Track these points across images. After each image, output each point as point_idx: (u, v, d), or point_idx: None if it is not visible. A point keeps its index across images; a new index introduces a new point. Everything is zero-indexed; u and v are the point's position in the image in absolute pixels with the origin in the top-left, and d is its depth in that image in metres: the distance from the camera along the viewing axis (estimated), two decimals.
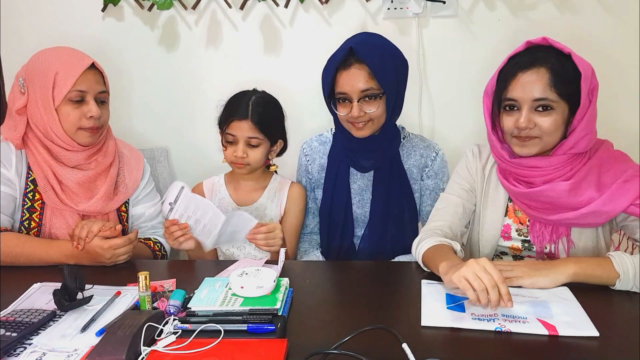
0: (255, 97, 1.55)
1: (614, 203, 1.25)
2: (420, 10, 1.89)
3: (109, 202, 1.51)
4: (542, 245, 1.36)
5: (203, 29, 2.00)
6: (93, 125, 1.44)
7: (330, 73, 1.48)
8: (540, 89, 1.23)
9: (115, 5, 1.98)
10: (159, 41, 2.03)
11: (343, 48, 1.49)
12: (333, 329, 1.04)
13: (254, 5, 1.96)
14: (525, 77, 1.25)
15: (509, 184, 1.37)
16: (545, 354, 0.95)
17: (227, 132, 1.53)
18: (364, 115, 1.48)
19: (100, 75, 1.48)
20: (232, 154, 1.54)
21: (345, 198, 1.63)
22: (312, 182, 1.70)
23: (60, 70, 1.41)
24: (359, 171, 1.62)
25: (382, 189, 1.60)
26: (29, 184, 1.46)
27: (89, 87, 1.43)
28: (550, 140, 1.28)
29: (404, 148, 1.63)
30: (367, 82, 1.45)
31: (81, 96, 1.43)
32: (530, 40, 1.30)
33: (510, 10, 1.89)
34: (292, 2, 1.92)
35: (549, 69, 1.23)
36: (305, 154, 1.71)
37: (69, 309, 1.10)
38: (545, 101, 1.24)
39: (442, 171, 1.64)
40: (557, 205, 1.30)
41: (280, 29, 1.98)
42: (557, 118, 1.25)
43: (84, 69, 1.42)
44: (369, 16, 1.94)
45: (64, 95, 1.40)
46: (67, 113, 1.42)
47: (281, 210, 1.63)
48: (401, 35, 1.93)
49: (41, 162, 1.44)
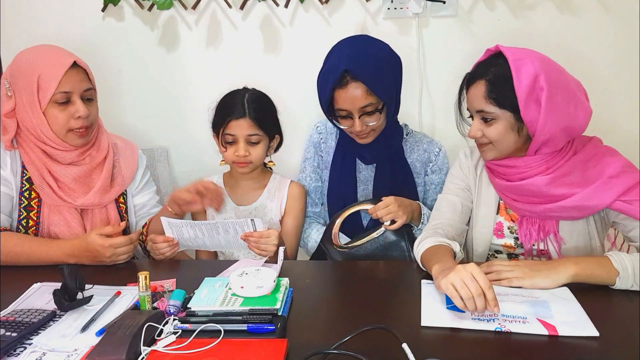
0: (248, 95, 1.55)
1: (598, 198, 1.27)
2: (420, 10, 1.89)
3: (105, 194, 1.50)
4: (531, 243, 1.37)
5: (203, 29, 2.00)
6: (82, 124, 1.42)
7: (327, 91, 1.48)
8: (479, 102, 1.30)
9: (115, 5, 1.98)
10: (159, 41, 2.03)
11: (336, 68, 1.46)
12: (333, 329, 1.04)
13: (254, 5, 1.96)
14: (471, 91, 1.32)
15: (495, 177, 1.40)
16: (545, 354, 0.95)
17: (226, 132, 1.53)
18: (366, 128, 1.50)
19: (84, 73, 1.45)
20: (233, 154, 1.54)
21: (352, 187, 1.65)
22: (322, 162, 1.71)
23: (43, 73, 1.38)
24: (362, 162, 1.64)
25: (384, 181, 1.62)
26: (25, 183, 1.45)
27: (74, 87, 1.40)
28: (502, 146, 1.33)
29: (407, 143, 1.66)
30: (366, 98, 1.46)
31: (67, 97, 1.40)
32: (489, 49, 1.34)
33: (510, 10, 1.89)
34: (292, 2, 1.92)
35: (487, 81, 1.28)
36: (319, 132, 1.72)
37: (69, 309, 1.11)
38: (483, 113, 1.30)
39: (446, 166, 1.67)
40: (540, 196, 1.32)
41: (280, 29, 1.98)
42: (504, 125, 1.29)
43: (67, 69, 1.39)
44: (369, 16, 1.93)
45: (49, 98, 1.38)
46: (55, 115, 1.40)
47: (281, 209, 1.63)
48: (401, 35, 1.93)
49: (35, 161, 1.43)
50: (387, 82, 1.49)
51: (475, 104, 1.31)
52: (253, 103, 1.54)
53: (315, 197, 1.73)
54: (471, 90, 1.32)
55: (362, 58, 1.47)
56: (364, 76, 1.44)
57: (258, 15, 1.97)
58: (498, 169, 1.39)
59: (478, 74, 1.31)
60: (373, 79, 1.45)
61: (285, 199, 1.64)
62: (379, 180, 1.63)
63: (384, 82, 1.48)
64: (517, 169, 1.34)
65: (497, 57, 1.30)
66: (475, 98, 1.30)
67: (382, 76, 1.47)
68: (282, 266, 1.32)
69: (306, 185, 1.72)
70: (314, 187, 1.72)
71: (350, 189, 1.64)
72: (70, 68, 1.40)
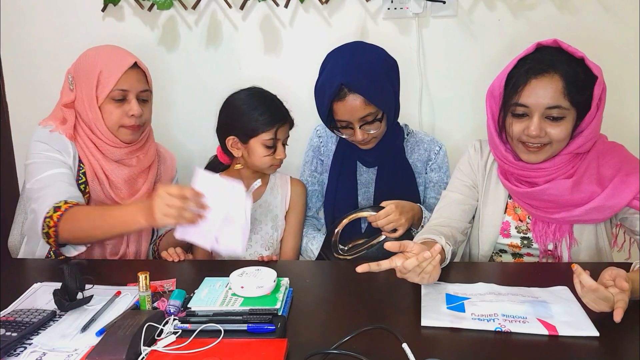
0: (276, 97, 1.58)
1: (618, 197, 1.25)
2: (420, 10, 1.89)
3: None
4: (546, 244, 1.36)
5: (203, 29, 2.00)
6: (134, 123, 1.47)
7: (325, 104, 1.48)
8: (554, 96, 1.20)
9: (115, 5, 1.98)
10: (159, 41, 2.03)
11: (333, 82, 1.45)
12: (333, 329, 1.03)
13: (254, 5, 1.96)
14: (538, 84, 1.21)
15: (511, 185, 1.36)
16: (545, 354, 0.95)
17: (276, 137, 1.52)
18: (368, 136, 1.50)
19: (143, 74, 1.51)
20: (273, 157, 1.54)
21: (352, 190, 1.64)
22: (322, 165, 1.71)
23: (104, 70, 1.44)
24: (363, 165, 1.64)
25: (385, 183, 1.62)
26: (81, 176, 1.49)
27: (131, 86, 1.46)
28: (559, 147, 1.27)
29: (408, 143, 1.66)
30: (365, 109, 1.46)
31: (123, 95, 1.46)
32: (540, 42, 1.26)
33: (510, 10, 1.89)
34: (292, 2, 1.92)
35: (562, 76, 1.20)
36: (318, 136, 1.72)
37: (69, 309, 1.10)
38: (558, 109, 1.21)
39: (446, 165, 1.66)
40: (560, 203, 1.30)
41: (280, 29, 1.98)
42: (568, 126, 1.23)
43: (127, 68, 1.45)
44: (369, 16, 1.93)
45: (107, 94, 1.44)
46: (110, 111, 1.45)
47: (286, 205, 1.64)
48: (401, 35, 1.93)
49: (89, 156, 1.48)
50: (384, 91, 1.48)
51: (548, 99, 1.20)
52: (284, 106, 1.57)
53: (309, 202, 1.73)
54: (538, 82, 1.21)
55: (358, 70, 1.45)
56: (361, 88, 1.43)
57: (258, 15, 1.97)
58: (522, 173, 1.32)
59: (548, 67, 1.20)
60: (370, 90, 1.44)
61: (289, 195, 1.64)
62: (380, 183, 1.62)
63: (382, 91, 1.47)
64: (544, 170, 1.30)
65: (558, 53, 1.23)
66: (547, 92, 1.20)
67: (379, 86, 1.46)
68: (282, 266, 1.32)
69: None
70: (310, 190, 1.72)
71: (351, 192, 1.64)
72: (130, 68, 1.46)
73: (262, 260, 1.41)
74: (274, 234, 1.61)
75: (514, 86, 1.25)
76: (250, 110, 1.53)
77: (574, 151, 1.28)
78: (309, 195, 1.72)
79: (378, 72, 1.48)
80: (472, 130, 1.96)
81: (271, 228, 1.61)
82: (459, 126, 2.00)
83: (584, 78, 1.21)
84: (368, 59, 1.49)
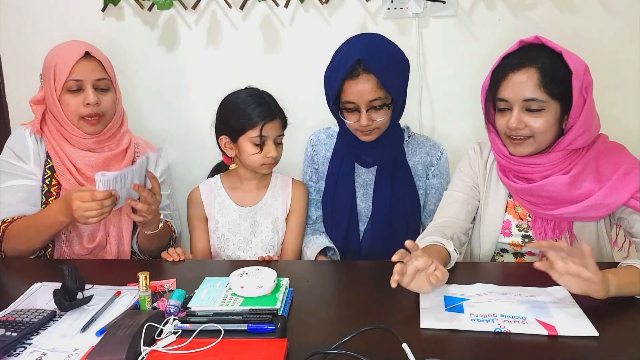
0: (267, 95, 1.57)
1: (615, 195, 1.26)
2: (420, 10, 1.89)
3: None
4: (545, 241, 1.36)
5: (203, 29, 2.00)
6: (91, 112, 1.50)
7: (337, 82, 1.47)
8: (530, 89, 1.24)
9: (115, 5, 1.98)
10: (159, 41, 2.03)
11: (349, 57, 1.45)
12: (333, 329, 1.04)
13: (254, 5, 1.96)
14: (516, 78, 1.26)
15: (509, 181, 1.37)
16: (544, 354, 0.96)
17: (262, 134, 1.51)
18: (372, 124, 1.49)
19: (99, 63, 1.53)
20: (264, 155, 1.53)
21: (350, 192, 1.63)
22: (318, 173, 1.71)
23: (58, 62, 1.49)
24: (362, 166, 1.63)
25: (385, 184, 1.61)
26: (47, 171, 1.53)
27: (86, 76, 1.49)
28: (543, 139, 1.29)
29: (408, 145, 1.65)
30: (376, 92, 1.45)
31: (78, 85, 1.49)
32: (523, 40, 1.30)
33: (510, 10, 1.89)
34: (292, 2, 1.92)
35: (539, 69, 1.24)
36: (312, 144, 1.72)
37: (69, 309, 1.11)
38: (534, 102, 1.25)
39: (446, 171, 1.66)
40: (557, 199, 1.31)
41: (280, 29, 1.98)
42: (549, 118, 1.26)
43: (78, 59, 1.48)
44: (369, 16, 1.93)
45: (62, 85, 1.48)
46: (67, 102, 1.49)
47: (287, 207, 1.63)
48: (401, 35, 1.93)
49: (56, 147, 1.52)
50: (397, 78, 1.49)
51: (524, 92, 1.24)
52: (275, 103, 1.56)
53: (308, 211, 1.71)
54: (515, 77, 1.25)
55: (376, 50, 1.47)
56: (376, 68, 1.43)
57: (258, 15, 1.97)
58: (519, 168, 1.34)
59: (525, 61, 1.25)
60: (384, 72, 1.44)
61: (290, 197, 1.64)
62: (379, 184, 1.61)
63: (395, 77, 1.47)
64: (540, 166, 1.31)
65: (538, 48, 1.27)
66: (524, 85, 1.24)
67: (393, 71, 1.47)
68: (282, 266, 1.32)
69: None
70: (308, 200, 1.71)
71: (349, 193, 1.63)
72: (83, 58, 1.50)
73: (263, 260, 1.41)
74: (274, 236, 1.61)
75: (495, 81, 1.30)
76: (237, 109, 1.54)
77: (568, 147, 1.29)
78: (308, 205, 1.70)
79: (395, 59, 1.49)
80: (472, 130, 1.96)
81: (271, 231, 1.60)
82: (459, 126, 1.99)
83: (563, 71, 1.24)
84: (386, 47, 1.51)
